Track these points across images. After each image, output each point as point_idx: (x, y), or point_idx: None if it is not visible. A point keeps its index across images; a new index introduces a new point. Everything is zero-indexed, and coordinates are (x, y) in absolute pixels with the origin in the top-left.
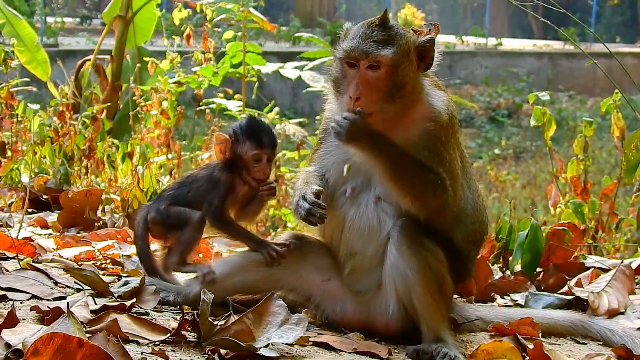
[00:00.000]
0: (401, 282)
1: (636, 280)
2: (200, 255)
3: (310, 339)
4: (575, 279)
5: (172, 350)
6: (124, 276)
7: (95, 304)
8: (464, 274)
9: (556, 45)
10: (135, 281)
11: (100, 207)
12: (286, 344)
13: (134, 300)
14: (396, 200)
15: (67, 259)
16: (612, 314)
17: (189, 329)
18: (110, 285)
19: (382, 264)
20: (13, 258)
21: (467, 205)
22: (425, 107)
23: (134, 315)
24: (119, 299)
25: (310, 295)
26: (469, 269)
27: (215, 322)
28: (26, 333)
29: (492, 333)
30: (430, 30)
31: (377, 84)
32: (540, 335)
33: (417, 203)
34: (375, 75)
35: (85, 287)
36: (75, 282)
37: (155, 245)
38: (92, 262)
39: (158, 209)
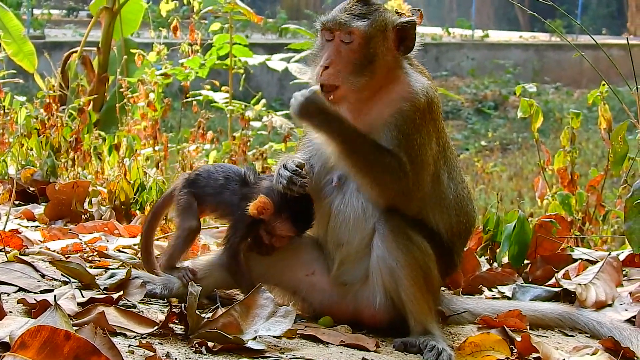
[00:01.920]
0: (388, 275)
1: (623, 272)
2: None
3: (298, 332)
4: (562, 271)
5: (159, 343)
6: (111, 269)
7: (83, 297)
8: (450, 266)
9: (542, 37)
10: (121, 273)
11: (87, 200)
12: (274, 336)
13: (121, 292)
14: (356, 183)
15: (54, 251)
16: (600, 306)
17: (176, 321)
18: (97, 277)
19: (369, 256)
20: (0, 250)
21: (449, 196)
22: (403, 87)
23: (122, 307)
24: (105, 291)
25: (295, 289)
26: (455, 261)
27: (203, 315)
28: (13, 326)
29: (480, 325)
30: (413, 14)
31: (348, 56)
32: (528, 327)
33: (375, 187)
34: (347, 47)
35: (72, 279)
36: (62, 275)
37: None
38: (79, 254)
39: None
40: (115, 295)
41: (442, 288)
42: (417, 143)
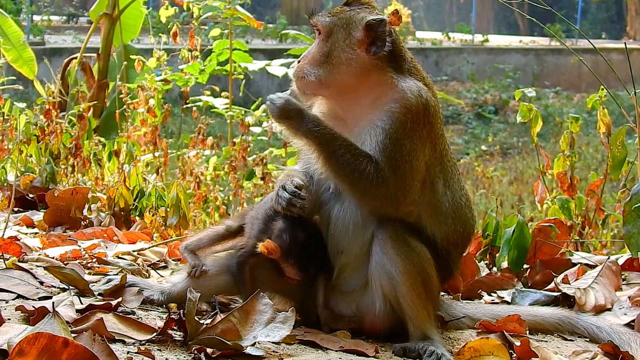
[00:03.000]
0: (387, 282)
1: (623, 276)
2: None
3: (297, 337)
4: (562, 276)
5: (158, 350)
6: (109, 275)
7: (81, 304)
8: (445, 273)
9: (542, 42)
10: (116, 279)
11: (87, 206)
12: (273, 342)
13: (119, 299)
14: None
15: (53, 258)
16: (599, 310)
17: (175, 328)
18: (93, 284)
19: (368, 263)
20: None
21: (444, 204)
22: (391, 89)
23: (120, 314)
24: (99, 296)
25: (295, 295)
26: (451, 268)
27: (202, 321)
28: (11, 333)
29: (479, 330)
30: (394, 14)
31: (315, 50)
32: (527, 332)
33: (354, 193)
34: (316, 42)
35: (70, 286)
36: (60, 282)
37: None
38: (78, 261)
39: None
40: (114, 302)
41: (442, 293)
42: (405, 148)
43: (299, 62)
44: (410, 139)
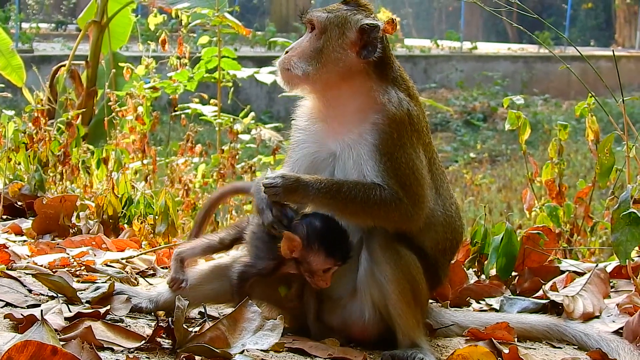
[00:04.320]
0: (376, 290)
1: (611, 284)
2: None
3: (286, 345)
4: (550, 283)
5: (146, 357)
6: (97, 283)
7: (70, 311)
8: (434, 281)
9: (531, 49)
10: (104, 287)
11: (75, 214)
12: (261, 350)
13: (108, 307)
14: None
15: (41, 266)
16: (587, 317)
17: (163, 336)
18: (81, 291)
19: (357, 270)
20: None
21: (435, 213)
22: (374, 99)
23: (109, 322)
24: (87, 304)
25: (282, 303)
26: (440, 276)
27: (190, 329)
28: (0, 341)
29: (468, 338)
30: (389, 23)
31: (305, 44)
32: (515, 339)
33: (379, 222)
34: (307, 36)
35: (59, 294)
36: (49, 290)
37: None
38: (66, 269)
39: None
40: (102, 310)
41: (430, 301)
42: (403, 161)
43: (286, 52)
44: (403, 150)
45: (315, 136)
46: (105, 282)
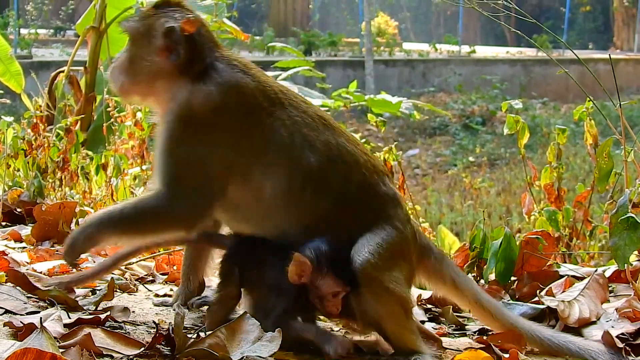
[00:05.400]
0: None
1: (610, 288)
2: (175, 268)
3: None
4: (546, 289)
5: None
6: (97, 289)
7: (69, 318)
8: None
9: (529, 52)
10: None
11: (75, 220)
12: (261, 357)
13: (108, 313)
14: None
15: (41, 272)
16: (583, 323)
17: (163, 343)
18: (80, 298)
19: None
20: None
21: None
22: (172, 99)
23: (108, 329)
24: (88, 309)
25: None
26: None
27: (189, 336)
28: None
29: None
30: (186, 22)
31: (124, 54)
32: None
33: (153, 235)
34: (127, 45)
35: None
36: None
37: None
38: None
39: None
40: (102, 316)
41: (429, 306)
42: (181, 159)
43: (114, 62)
44: (182, 146)
45: None
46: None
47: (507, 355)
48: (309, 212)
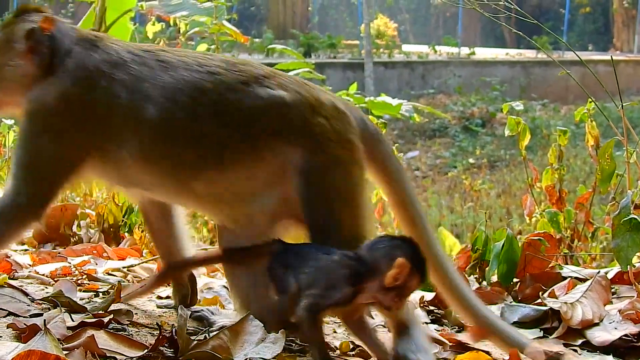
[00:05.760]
0: None
1: (613, 290)
2: None
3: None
4: (549, 290)
5: None
6: (100, 291)
7: (72, 320)
8: None
9: (529, 54)
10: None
11: (76, 223)
12: (264, 359)
13: (111, 316)
14: None
15: (43, 275)
16: (586, 325)
17: (166, 345)
18: (84, 301)
19: None
20: None
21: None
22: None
23: (111, 331)
24: (91, 312)
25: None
26: None
27: (192, 338)
28: (3, 351)
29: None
30: (43, 21)
31: None
32: None
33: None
34: None
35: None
36: (52, 298)
37: None
38: (68, 277)
39: None
40: (105, 319)
41: (431, 307)
42: (24, 152)
43: None
44: (30, 143)
45: None
46: (108, 290)
47: (507, 357)
48: (180, 164)
